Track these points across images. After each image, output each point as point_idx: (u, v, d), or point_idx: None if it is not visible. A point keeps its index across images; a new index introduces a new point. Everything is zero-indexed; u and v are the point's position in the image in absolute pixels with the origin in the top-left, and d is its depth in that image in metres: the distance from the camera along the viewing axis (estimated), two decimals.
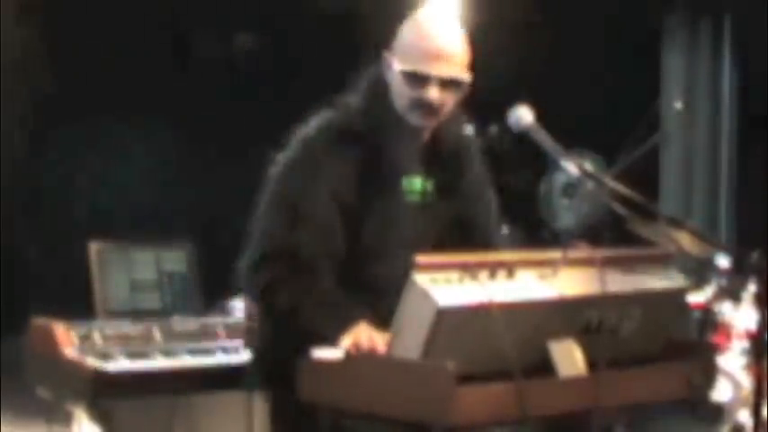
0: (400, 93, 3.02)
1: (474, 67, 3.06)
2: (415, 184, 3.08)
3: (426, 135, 3.09)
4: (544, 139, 2.98)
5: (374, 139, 3.03)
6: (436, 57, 2.99)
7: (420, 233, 3.04)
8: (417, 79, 2.99)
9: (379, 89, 3.08)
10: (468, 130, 3.23)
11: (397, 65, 3.01)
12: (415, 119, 3.03)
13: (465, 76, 3.04)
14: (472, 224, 3.15)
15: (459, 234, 3.11)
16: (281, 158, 3.07)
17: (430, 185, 3.10)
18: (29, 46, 7.85)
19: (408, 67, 2.99)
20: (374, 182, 3.00)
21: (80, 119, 8.12)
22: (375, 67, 3.11)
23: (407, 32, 3.06)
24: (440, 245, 3.02)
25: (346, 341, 2.77)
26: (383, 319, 2.75)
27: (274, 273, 2.95)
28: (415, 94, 3.00)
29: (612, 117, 7.15)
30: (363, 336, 2.76)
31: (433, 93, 2.99)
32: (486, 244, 3.11)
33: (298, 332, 2.89)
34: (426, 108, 3.01)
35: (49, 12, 7.94)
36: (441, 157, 3.11)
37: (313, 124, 3.08)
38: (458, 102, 3.08)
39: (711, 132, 8.10)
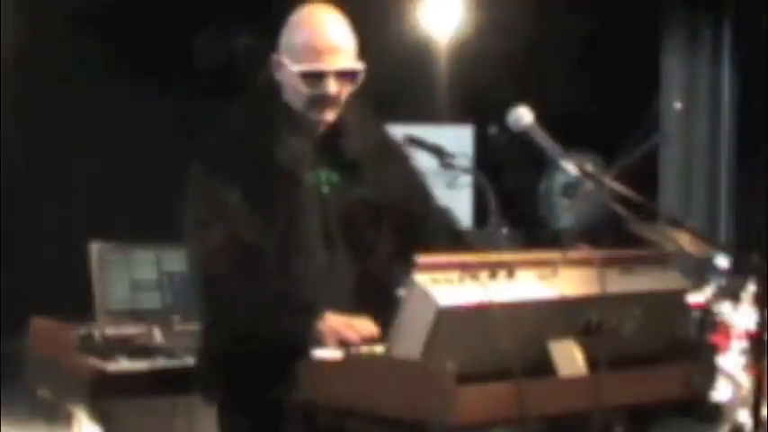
0: (297, 91, 3.06)
1: (474, 67, 3.06)
2: (320, 177, 3.10)
3: (324, 126, 3.11)
4: (544, 140, 2.99)
5: (269, 141, 3.04)
6: (329, 51, 3.03)
7: (331, 224, 3.06)
8: (313, 76, 3.03)
9: (265, 91, 3.12)
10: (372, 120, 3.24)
11: (290, 65, 3.04)
12: (315, 114, 3.07)
13: (358, 65, 3.08)
14: (383, 209, 3.13)
15: (371, 220, 3.11)
16: (190, 180, 3.09)
17: (335, 177, 3.11)
18: (28, 45, 7.85)
19: (303, 67, 3.02)
20: (275, 178, 3.01)
21: (80, 119, 8.12)
22: (264, 71, 3.15)
23: (294, 31, 3.08)
24: (352, 232, 3.05)
25: (330, 341, 2.81)
26: None
27: (227, 281, 2.95)
28: (313, 91, 3.04)
29: (612, 117, 7.16)
30: (343, 327, 2.81)
31: (331, 87, 3.04)
32: (426, 213, 3.16)
33: (258, 335, 2.91)
34: (325, 102, 3.05)
35: (49, 12, 7.95)
36: (341, 148, 3.12)
37: (209, 140, 3.13)
38: (354, 89, 3.11)
39: (711, 133, 8.11)
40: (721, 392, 5.24)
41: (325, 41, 3.04)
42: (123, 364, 3.65)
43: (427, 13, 8.43)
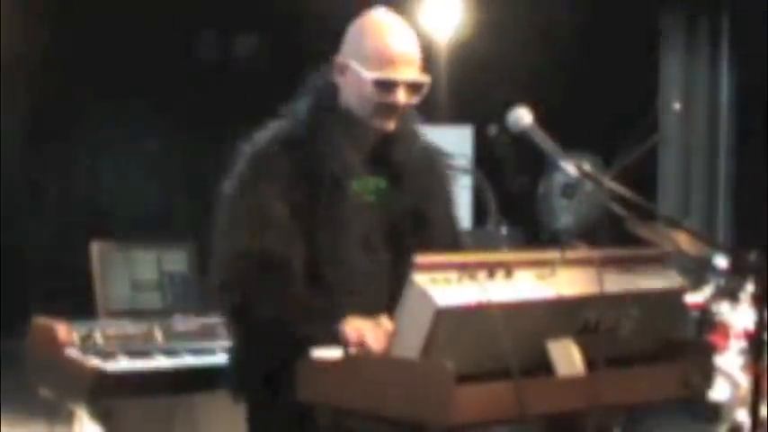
0: (365, 98, 3.05)
1: (473, 68, 3.08)
2: (368, 184, 3.10)
3: (380, 134, 3.11)
4: (543, 140, 3.00)
5: (321, 144, 3.05)
6: (403, 61, 3.04)
7: (375, 233, 3.06)
8: (386, 85, 3.03)
9: (327, 94, 3.11)
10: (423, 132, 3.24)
11: (362, 71, 3.03)
12: (379, 122, 3.07)
13: (426, 77, 3.09)
14: (426, 219, 3.15)
15: (413, 228, 3.12)
16: (234, 174, 3.08)
17: (382, 183, 3.11)
18: (29, 46, 7.86)
19: (377, 75, 3.02)
20: (324, 185, 3.01)
21: (81, 119, 8.14)
22: (321, 72, 3.14)
23: (367, 37, 3.07)
24: (396, 242, 3.06)
25: (349, 330, 2.80)
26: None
27: (247, 285, 2.96)
28: (383, 99, 3.04)
29: (611, 118, 7.17)
30: (361, 327, 2.80)
31: (401, 97, 3.04)
32: (442, 241, 3.13)
33: (284, 342, 2.91)
34: (392, 112, 3.06)
35: (51, 13, 7.95)
36: (392, 155, 3.12)
37: (261, 137, 3.11)
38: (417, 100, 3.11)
39: (709, 133, 8.12)
40: (720, 392, 5.25)
41: (400, 51, 3.04)
42: (124, 364, 3.65)
43: (427, 13, 8.44)
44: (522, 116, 3.02)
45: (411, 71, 3.06)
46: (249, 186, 3.03)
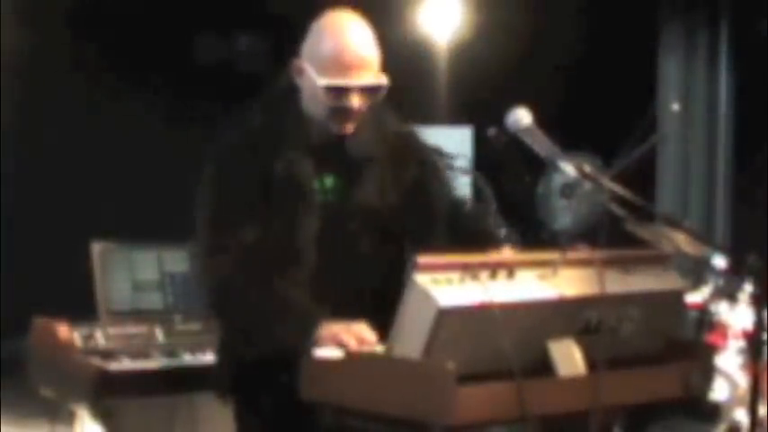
0: (318, 102, 3.02)
1: (473, 68, 3.08)
2: (326, 183, 3.08)
3: (332, 136, 3.08)
4: (542, 141, 3.00)
5: (280, 145, 3.03)
6: (355, 66, 2.99)
7: (335, 233, 3.05)
8: (338, 90, 2.99)
9: (287, 95, 3.10)
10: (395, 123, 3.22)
11: (315, 77, 3.00)
12: (334, 127, 3.04)
13: (382, 79, 3.04)
14: (388, 220, 3.10)
15: (373, 231, 3.08)
16: (205, 174, 3.08)
17: (341, 184, 3.08)
18: (29, 45, 7.86)
19: (329, 81, 2.98)
20: (281, 186, 3.01)
21: (81, 119, 8.13)
22: (286, 72, 3.12)
23: (320, 41, 3.03)
24: (354, 242, 3.04)
25: (337, 329, 2.80)
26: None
27: (224, 281, 2.95)
28: (336, 103, 3.01)
29: (610, 119, 7.18)
30: (341, 331, 2.80)
31: (354, 101, 3.01)
32: (422, 229, 3.10)
33: (261, 340, 2.92)
34: (346, 116, 3.02)
35: (51, 13, 7.95)
36: (347, 151, 3.08)
37: (226, 138, 3.12)
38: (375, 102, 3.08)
39: (708, 134, 8.12)
40: (718, 392, 5.26)
41: (352, 56, 2.99)
42: (125, 364, 3.67)
43: (427, 14, 8.44)
44: (522, 117, 3.03)
45: (365, 75, 3.00)
46: (219, 185, 3.03)
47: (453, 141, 5.44)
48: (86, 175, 8.13)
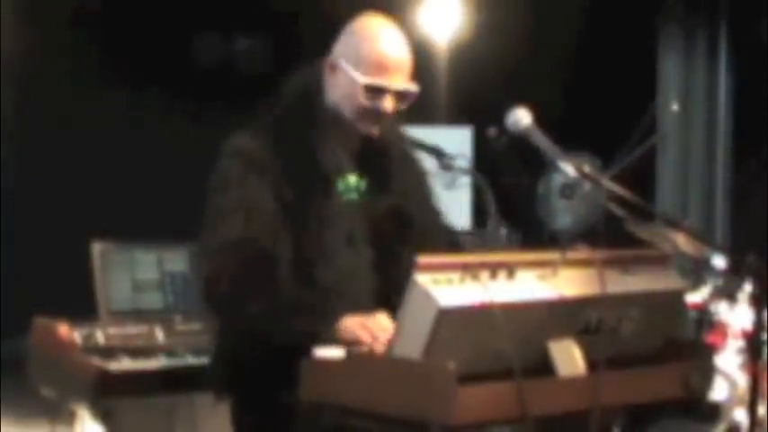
0: (352, 100, 3.05)
1: (473, 69, 3.10)
2: (350, 182, 3.12)
3: (361, 136, 3.12)
4: (542, 141, 3.01)
5: (309, 142, 3.06)
6: (396, 69, 3.05)
7: (358, 231, 3.08)
8: (376, 91, 3.03)
9: (314, 93, 3.11)
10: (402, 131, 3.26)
11: (355, 75, 3.03)
12: (365, 126, 3.08)
13: (414, 87, 3.10)
14: (408, 219, 3.17)
15: (395, 228, 3.14)
16: (220, 169, 3.07)
17: (364, 184, 3.13)
18: (29, 46, 7.86)
19: (370, 80, 3.02)
20: (311, 183, 3.03)
21: (81, 119, 8.14)
22: (305, 71, 3.15)
23: (362, 41, 3.07)
24: (378, 240, 3.08)
25: (353, 324, 2.82)
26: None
27: (235, 277, 2.94)
28: (371, 104, 3.04)
29: (610, 119, 7.18)
30: (356, 326, 2.81)
31: (388, 104, 3.05)
32: (427, 239, 3.14)
33: (273, 337, 2.92)
34: (379, 118, 3.07)
35: (51, 13, 7.96)
36: (374, 156, 3.14)
37: (246, 134, 3.11)
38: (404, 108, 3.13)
39: (707, 134, 8.13)
40: (717, 391, 5.26)
41: (394, 58, 3.05)
42: (125, 364, 3.67)
43: (427, 14, 8.45)
44: (522, 117, 3.04)
45: (402, 79, 3.07)
46: (237, 180, 3.03)
47: (453, 141, 5.45)
48: (86, 175, 8.13)
